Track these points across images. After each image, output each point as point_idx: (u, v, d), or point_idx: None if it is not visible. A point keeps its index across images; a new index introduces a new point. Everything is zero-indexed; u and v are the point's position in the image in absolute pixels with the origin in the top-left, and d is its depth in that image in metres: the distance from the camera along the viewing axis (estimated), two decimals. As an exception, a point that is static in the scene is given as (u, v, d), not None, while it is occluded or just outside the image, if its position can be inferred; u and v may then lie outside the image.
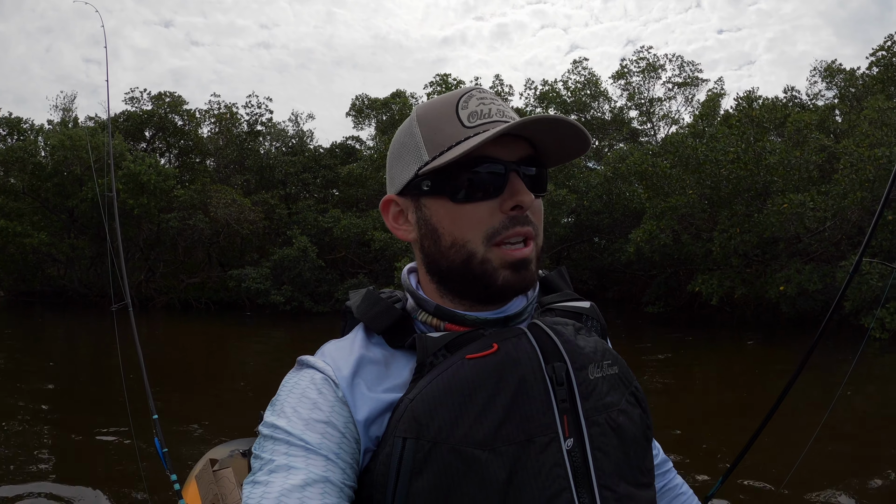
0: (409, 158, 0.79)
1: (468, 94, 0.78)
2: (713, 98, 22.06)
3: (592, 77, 24.23)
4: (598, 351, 0.82)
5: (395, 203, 0.84)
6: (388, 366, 0.76)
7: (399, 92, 24.58)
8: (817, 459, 5.13)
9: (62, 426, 6.72)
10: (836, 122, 18.88)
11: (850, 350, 9.97)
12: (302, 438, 0.68)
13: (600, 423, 0.77)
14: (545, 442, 0.72)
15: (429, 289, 0.84)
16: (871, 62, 20.22)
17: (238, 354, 12.97)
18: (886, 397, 8.14)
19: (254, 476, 0.67)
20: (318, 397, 0.72)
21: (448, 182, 0.76)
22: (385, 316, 0.80)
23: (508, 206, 0.75)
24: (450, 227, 0.77)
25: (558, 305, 0.88)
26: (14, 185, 20.33)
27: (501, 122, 0.76)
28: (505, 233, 0.76)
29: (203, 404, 7.98)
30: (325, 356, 0.77)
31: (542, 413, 0.73)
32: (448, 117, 0.77)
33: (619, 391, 0.82)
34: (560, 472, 0.71)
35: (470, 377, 0.71)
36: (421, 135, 0.78)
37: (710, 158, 14.01)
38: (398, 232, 0.84)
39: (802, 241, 14.34)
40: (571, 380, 0.76)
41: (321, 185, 23.78)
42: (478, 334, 0.77)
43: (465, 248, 0.76)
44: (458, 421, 0.69)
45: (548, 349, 0.77)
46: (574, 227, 21.11)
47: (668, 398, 8.22)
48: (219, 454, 2.59)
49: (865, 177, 12.61)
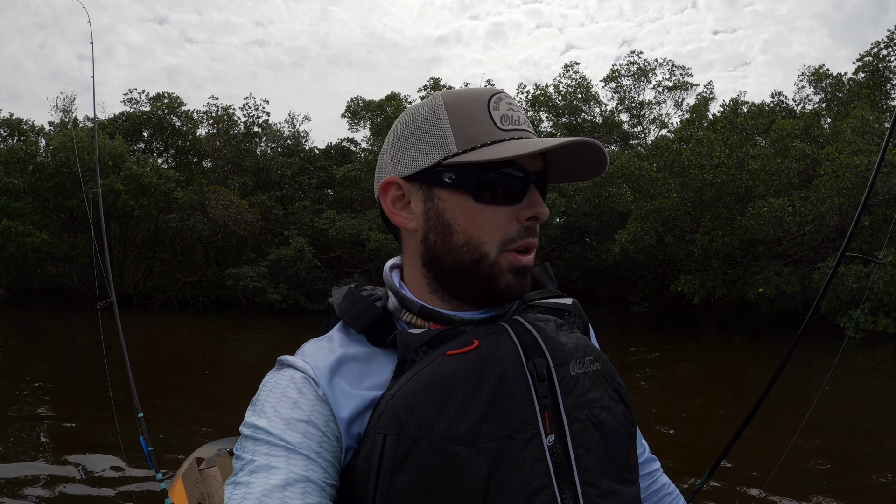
0: (431, 144, 0.77)
1: (497, 96, 0.78)
2: (703, 102, 22.43)
3: (584, 81, 24.66)
4: (580, 347, 0.81)
5: (397, 186, 0.80)
6: (369, 363, 0.76)
7: (394, 94, 24.98)
8: (801, 457, 5.31)
9: (46, 425, 6.56)
10: (821, 129, 19.22)
11: (829, 349, 10.36)
12: (283, 438, 0.68)
13: (582, 420, 0.76)
14: (526, 438, 0.71)
15: (417, 284, 0.82)
16: (858, 67, 20.61)
17: (233, 352, 13.06)
18: (862, 394, 8.31)
19: (235, 477, 0.67)
20: (299, 396, 0.72)
21: (474, 180, 0.75)
22: (365, 315, 0.79)
23: (525, 216, 0.77)
24: (466, 224, 0.76)
25: (540, 302, 0.88)
26: (15, 185, 20.63)
27: (528, 131, 0.77)
28: (519, 241, 0.77)
29: (196, 402, 7.91)
30: (304, 355, 0.77)
31: (522, 409, 0.73)
32: (481, 113, 0.76)
33: (602, 387, 0.81)
34: (542, 469, 0.71)
35: (450, 373, 0.71)
36: (449, 123, 0.76)
37: (695, 163, 14.43)
38: (396, 217, 0.81)
39: (783, 244, 14.79)
40: (552, 376, 0.76)
41: (316, 186, 24.16)
42: (459, 331, 0.76)
43: (479, 249, 0.76)
44: (438, 417, 0.69)
45: (529, 345, 0.77)
46: (564, 227, 21.53)
47: (655, 397, 8.33)
48: (206, 453, 2.61)
49: (844, 184, 13.04)
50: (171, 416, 6.94)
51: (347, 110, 25.26)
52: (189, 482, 2.32)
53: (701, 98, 22.91)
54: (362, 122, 25.37)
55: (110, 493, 4.71)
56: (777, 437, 5.36)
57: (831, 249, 14.81)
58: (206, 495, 2.23)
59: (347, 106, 25.28)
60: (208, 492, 2.24)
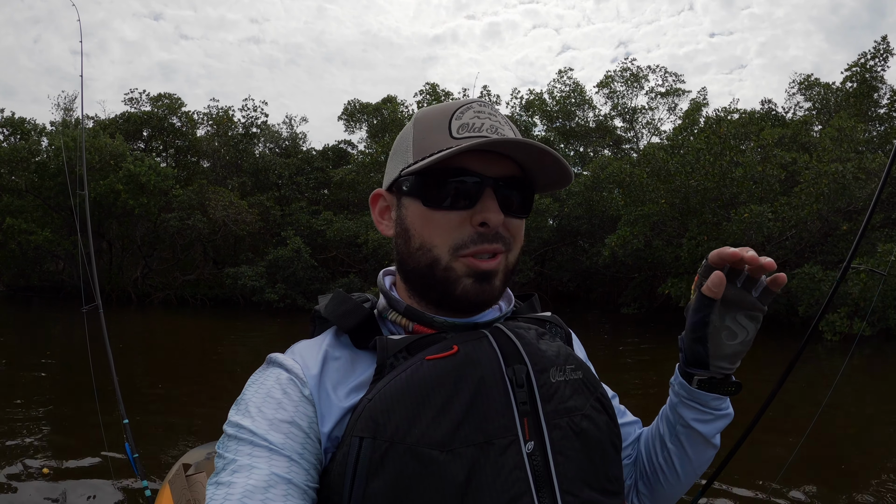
0: (399, 157, 0.82)
1: (467, 106, 0.80)
2: (695, 108, 22.74)
3: (578, 86, 25.07)
4: (561, 355, 0.81)
5: (382, 198, 0.86)
6: (352, 365, 0.77)
7: (390, 97, 25.37)
8: (801, 471, 5.31)
9: (31, 431, 6.33)
10: (810, 136, 19.55)
11: (807, 350, 10.66)
12: (266, 439, 0.68)
13: (562, 427, 0.75)
14: (504, 444, 0.71)
15: (401, 289, 0.85)
16: (846, 77, 21.00)
17: (230, 351, 13.08)
18: (843, 396, 8.42)
19: (217, 477, 0.68)
20: (283, 397, 0.72)
21: (423, 186, 0.77)
22: (353, 315, 0.80)
23: (476, 222, 0.76)
24: (420, 229, 0.78)
25: (521, 316, 0.88)
26: (17, 183, 20.91)
27: (489, 137, 0.76)
28: (472, 247, 0.76)
29: (188, 404, 7.77)
30: (294, 354, 0.78)
31: (500, 414, 0.72)
32: (439, 125, 0.78)
33: (584, 396, 0.80)
34: (520, 475, 0.70)
35: (428, 377, 0.71)
36: (412, 137, 0.80)
37: (681, 171, 14.86)
38: (380, 226, 0.86)
39: (766, 248, 15.22)
40: (532, 382, 0.76)
41: (313, 187, 24.51)
42: (439, 337, 0.77)
43: (431, 252, 0.77)
44: (415, 421, 0.69)
45: (508, 351, 0.77)
46: (556, 230, 21.91)
47: (646, 399, 8.38)
48: (193, 458, 2.54)
49: (821, 191, 13.47)
50: (160, 419, 6.79)
51: (344, 112, 25.63)
52: (176, 489, 2.25)
53: (694, 104, 23.26)
54: (359, 124, 25.73)
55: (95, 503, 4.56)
56: (772, 450, 5.49)
57: (812, 254, 15.28)
58: (192, 502, 2.18)
59: (344, 108, 25.66)
60: (195, 498, 2.19)
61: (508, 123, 0.81)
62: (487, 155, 0.77)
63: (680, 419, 0.91)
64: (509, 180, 0.78)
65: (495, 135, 0.77)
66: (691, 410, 0.89)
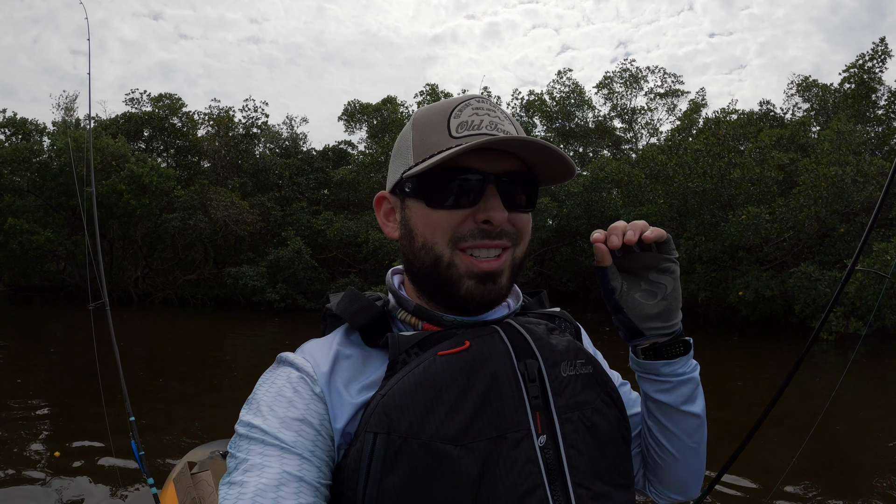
0: (400, 160, 0.82)
1: (465, 103, 0.79)
2: (694, 108, 22.84)
3: (577, 87, 25.17)
4: (572, 350, 0.81)
5: (387, 200, 0.86)
6: (364, 363, 0.77)
7: (390, 98, 25.45)
8: (802, 475, 5.30)
9: (37, 427, 6.44)
10: (808, 137, 19.60)
11: (803, 348, 10.72)
12: (277, 437, 0.68)
13: (574, 421, 0.76)
14: (517, 438, 0.71)
15: (409, 289, 0.85)
16: (844, 78, 21.08)
17: (231, 351, 13.13)
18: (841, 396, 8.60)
19: (230, 476, 0.68)
20: (294, 395, 0.72)
21: (425, 187, 0.77)
22: (365, 312, 0.80)
23: (480, 220, 0.76)
24: (422, 229, 0.78)
25: (530, 312, 0.89)
26: (19, 183, 20.97)
27: (489, 134, 0.76)
28: (472, 241, 0.76)
29: (191, 402, 7.81)
30: (304, 353, 0.78)
31: (513, 409, 0.73)
32: (438, 125, 0.78)
33: (594, 391, 0.81)
34: (533, 469, 0.71)
35: (441, 373, 0.72)
36: (412, 139, 0.80)
37: (679, 173, 14.96)
38: (386, 228, 0.86)
39: (764, 249, 15.34)
40: (544, 377, 0.76)
41: (313, 188, 24.57)
42: (451, 333, 0.77)
43: (434, 250, 0.77)
44: (428, 416, 0.69)
45: (520, 346, 0.77)
46: (556, 230, 22.00)
47: None
48: (198, 456, 2.56)
49: (819, 193, 13.58)
50: (165, 417, 6.85)
51: (344, 113, 25.70)
52: (181, 487, 2.28)
53: (693, 104, 23.37)
54: (359, 124, 25.81)
55: (100, 500, 4.60)
56: (772, 453, 5.53)
57: (810, 255, 15.38)
58: (198, 500, 2.20)
59: (344, 109, 25.72)
60: (200, 496, 2.21)
61: (508, 118, 0.81)
62: (489, 152, 0.77)
63: (646, 395, 0.93)
64: (512, 175, 0.78)
65: (495, 131, 0.77)
66: (649, 383, 0.91)
